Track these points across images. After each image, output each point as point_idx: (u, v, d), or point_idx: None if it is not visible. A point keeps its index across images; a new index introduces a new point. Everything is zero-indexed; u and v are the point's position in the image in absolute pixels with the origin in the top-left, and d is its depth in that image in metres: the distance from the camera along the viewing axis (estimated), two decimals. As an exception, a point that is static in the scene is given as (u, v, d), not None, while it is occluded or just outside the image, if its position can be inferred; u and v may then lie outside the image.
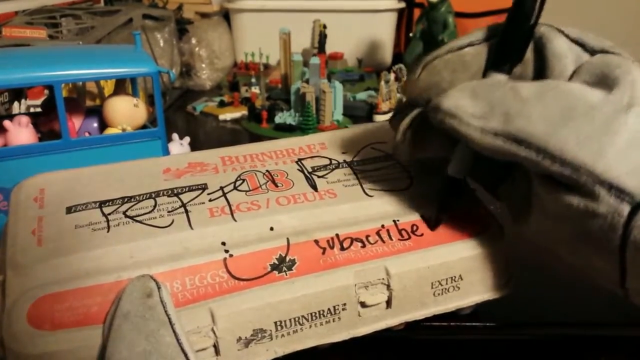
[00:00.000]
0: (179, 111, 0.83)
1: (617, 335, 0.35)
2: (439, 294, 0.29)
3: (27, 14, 0.70)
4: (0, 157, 0.38)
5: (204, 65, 0.95)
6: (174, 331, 0.23)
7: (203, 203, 0.29)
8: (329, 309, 0.27)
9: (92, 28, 0.66)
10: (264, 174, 0.32)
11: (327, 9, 1.04)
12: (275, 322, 0.26)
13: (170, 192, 0.30)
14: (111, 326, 0.23)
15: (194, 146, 0.56)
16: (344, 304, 0.27)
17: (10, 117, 0.42)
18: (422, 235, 0.30)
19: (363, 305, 0.28)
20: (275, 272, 0.27)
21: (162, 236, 0.27)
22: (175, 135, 0.53)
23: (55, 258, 0.25)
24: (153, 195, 0.30)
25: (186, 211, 0.29)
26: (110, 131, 0.43)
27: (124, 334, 0.22)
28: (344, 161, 0.34)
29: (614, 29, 1.79)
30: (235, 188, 0.31)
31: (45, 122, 0.44)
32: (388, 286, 0.28)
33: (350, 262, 0.28)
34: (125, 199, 0.29)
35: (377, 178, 0.33)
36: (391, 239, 0.29)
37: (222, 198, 0.30)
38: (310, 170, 0.33)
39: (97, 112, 0.46)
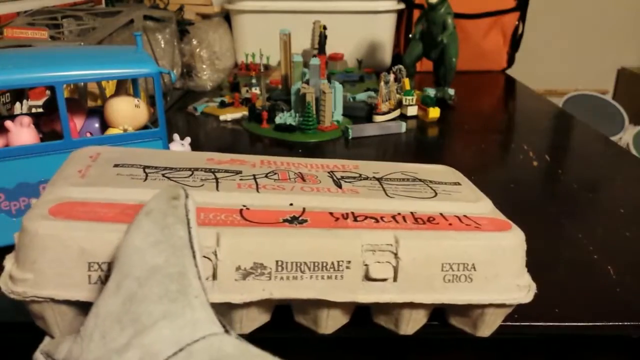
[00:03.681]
0: (180, 112, 0.84)
1: (616, 335, 0.35)
2: (449, 280, 0.28)
3: (29, 14, 0.71)
4: (1, 157, 0.38)
5: (204, 66, 0.95)
6: (189, 229, 0.24)
7: (234, 180, 0.33)
8: (332, 263, 0.27)
9: (94, 29, 0.66)
10: (295, 173, 0.35)
11: (327, 10, 1.04)
12: (277, 261, 0.27)
13: (207, 170, 0.34)
14: (133, 221, 0.24)
15: (195, 146, 0.56)
16: (349, 262, 0.27)
17: (12, 117, 0.42)
18: (438, 223, 0.30)
19: (368, 270, 0.28)
20: (287, 223, 0.28)
21: (190, 191, 0.29)
22: (176, 136, 0.53)
23: (91, 186, 0.29)
24: (192, 169, 0.33)
25: (217, 181, 0.32)
26: (111, 131, 0.44)
27: (142, 226, 0.24)
28: (374, 177, 0.36)
29: (613, 29, 1.78)
30: (266, 176, 0.34)
31: (47, 122, 0.44)
32: (395, 255, 0.28)
33: (361, 228, 0.29)
34: (167, 168, 0.33)
35: (402, 189, 0.34)
36: (405, 221, 0.30)
37: (252, 180, 0.33)
38: (339, 177, 0.35)
39: (98, 113, 0.46)
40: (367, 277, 0.28)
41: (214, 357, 0.19)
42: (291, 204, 0.30)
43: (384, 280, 0.28)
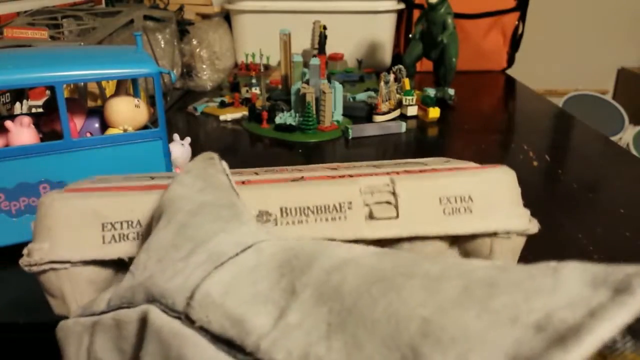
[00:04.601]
0: (180, 112, 0.84)
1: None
2: (449, 213, 0.30)
3: (29, 14, 0.71)
4: (1, 157, 0.38)
5: (204, 66, 0.95)
6: (228, 178, 0.26)
7: (235, 175, 0.34)
8: (334, 205, 0.29)
9: (94, 29, 0.66)
10: (293, 169, 0.36)
11: (327, 10, 1.04)
12: (281, 208, 0.28)
13: None
14: (173, 180, 0.26)
15: (195, 147, 0.56)
16: (350, 203, 0.29)
17: (12, 117, 0.42)
18: (429, 172, 0.32)
19: (370, 211, 0.29)
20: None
21: None
22: (176, 136, 0.53)
23: (103, 182, 0.30)
24: None
25: None
26: (111, 131, 0.44)
27: (185, 181, 0.26)
28: (368, 166, 0.38)
29: (613, 29, 1.78)
30: (266, 172, 0.35)
31: (46, 122, 0.44)
32: (394, 193, 0.29)
33: (359, 177, 0.31)
34: (170, 177, 0.34)
35: (399, 167, 0.36)
36: (398, 174, 0.32)
37: (253, 172, 0.34)
38: (335, 167, 0.37)
39: (98, 113, 0.46)
40: (371, 217, 0.29)
41: (284, 246, 0.20)
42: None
43: (387, 219, 0.29)
